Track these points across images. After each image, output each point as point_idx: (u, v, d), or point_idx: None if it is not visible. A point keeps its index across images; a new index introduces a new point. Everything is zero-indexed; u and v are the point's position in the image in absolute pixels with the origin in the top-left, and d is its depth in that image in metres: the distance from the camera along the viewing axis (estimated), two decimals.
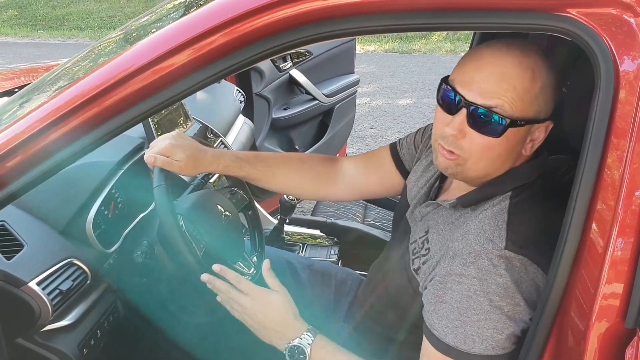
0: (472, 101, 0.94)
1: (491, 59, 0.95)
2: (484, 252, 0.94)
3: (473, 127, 0.95)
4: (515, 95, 0.93)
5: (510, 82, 0.93)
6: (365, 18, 0.85)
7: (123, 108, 0.91)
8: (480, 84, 0.94)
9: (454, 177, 1.07)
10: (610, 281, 0.78)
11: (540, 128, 0.99)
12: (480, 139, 0.96)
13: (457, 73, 0.99)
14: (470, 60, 0.98)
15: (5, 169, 0.92)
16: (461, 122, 0.96)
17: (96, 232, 1.37)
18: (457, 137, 0.97)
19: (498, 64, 0.94)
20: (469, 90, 0.95)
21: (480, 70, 0.95)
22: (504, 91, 0.93)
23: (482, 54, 0.96)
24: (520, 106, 0.94)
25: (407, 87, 6.20)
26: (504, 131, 0.94)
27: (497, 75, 0.93)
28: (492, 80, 0.93)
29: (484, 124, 0.94)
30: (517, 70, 0.93)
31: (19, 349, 1.19)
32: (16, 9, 10.98)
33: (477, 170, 1.01)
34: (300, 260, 1.62)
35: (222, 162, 1.32)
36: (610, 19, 0.78)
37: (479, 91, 0.94)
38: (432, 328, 0.98)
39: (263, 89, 2.74)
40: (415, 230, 1.15)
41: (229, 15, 0.86)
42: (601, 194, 0.79)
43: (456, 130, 0.96)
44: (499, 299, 0.91)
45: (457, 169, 1.01)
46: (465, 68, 0.97)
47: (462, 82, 0.96)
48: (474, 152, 0.98)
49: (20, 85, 1.93)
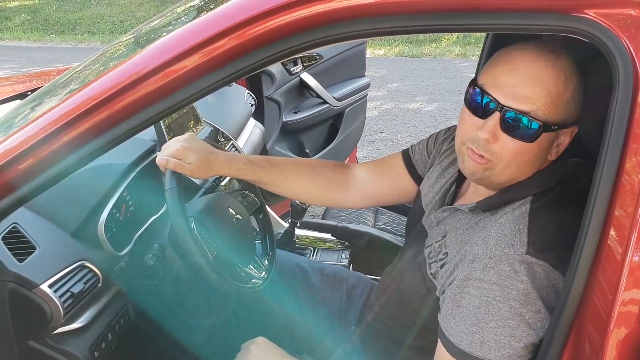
0: (507, 105, 0.92)
1: (525, 62, 0.93)
2: (505, 256, 0.92)
3: (506, 132, 0.94)
4: (549, 99, 0.92)
5: (544, 86, 0.91)
6: (377, 20, 0.84)
7: (134, 111, 0.91)
8: (515, 87, 0.92)
9: (479, 182, 1.05)
10: (629, 287, 0.77)
11: (566, 133, 0.98)
12: (513, 144, 0.95)
13: (488, 76, 0.97)
14: (502, 63, 0.96)
15: (17, 171, 0.92)
16: (494, 126, 0.94)
17: (108, 234, 1.37)
18: (490, 141, 0.95)
19: (532, 67, 0.92)
20: (502, 94, 0.93)
21: (514, 73, 0.93)
22: (539, 96, 0.91)
23: (515, 57, 0.95)
24: (553, 111, 0.93)
25: (418, 91, 6.18)
26: (537, 136, 0.93)
27: (532, 79, 0.92)
28: (526, 84, 0.92)
29: (518, 128, 0.93)
30: (551, 74, 0.92)
31: (31, 351, 1.19)
32: (29, 13, 11.10)
33: (504, 176, 0.99)
34: (311, 264, 1.61)
35: (234, 166, 1.32)
36: (629, 20, 0.76)
37: (513, 95, 0.92)
38: (448, 333, 0.97)
39: (274, 93, 2.73)
40: (432, 235, 1.13)
41: (240, 18, 0.86)
42: (619, 200, 0.78)
43: (489, 134, 0.94)
44: (519, 305, 0.90)
45: (485, 174, 1.00)
46: (498, 71, 0.96)
47: (495, 86, 0.94)
48: (505, 157, 0.96)
49: (33, 88, 1.94)
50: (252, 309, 1.47)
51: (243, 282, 1.32)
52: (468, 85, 1.00)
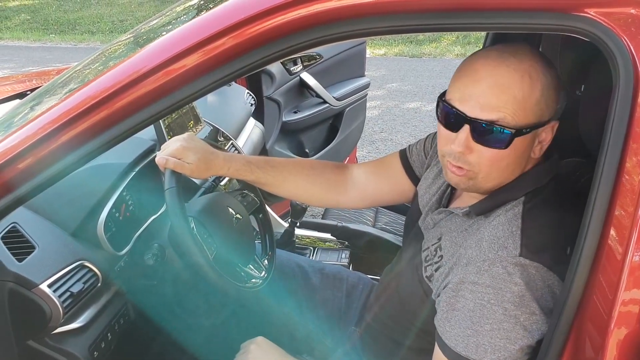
0: (473, 117, 0.92)
1: (486, 71, 0.93)
2: (498, 259, 0.92)
3: (479, 142, 0.94)
4: (516, 105, 0.91)
5: (509, 92, 0.91)
6: (377, 19, 0.84)
7: (134, 110, 0.91)
8: (479, 98, 0.92)
9: (467, 190, 1.06)
10: (629, 287, 0.76)
11: (546, 129, 0.97)
12: (487, 152, 0.95)
13: (453, 90, 0.97)
14: (464, 75, 0.96)
15: (16, 170, 0.92)
16: (466, 138, 0.94)
17: (107, 234, 1.37)
18: (464, 153, 0.96)
19: (494, 75, 0.92)
20: (468, 107, 0.93)
21: (477, 84, 0.93)
22: (504, 103, 0.91)
23: (476, 67, 0.94)
24: (522, 115, 0.92)
25: (418, 91, 6.18)
26: (510, 142, 0.93)
27: (495, 87, 0.91)
28: (490, 93, 0.91)
29: (489, 137, 0.93)
30: (514, 78, 0.91)
31: (30, 351, 1.19)
32: (28, 13, 11.10)
33: (489, 182, 1.00)
34: (311, 264, 1.61)
35: (233, 166, 1.31)
36: (629, 19, 0.76)
37: (479, 106, 0.92)
38: (444, 336, 0.97)
39: (273, 92, 2.73)
40: (428, 237, 1.13)
41: (239, 17, 0.86)
42: (620, 200, 0.78)
43: (462, 146, 0.95)
44: (514, 307, 0.90)
45: (469, 183, 1.00)
46: (461, 84, 0.95)
47: (460, 99, 0.94)
48: (484, 166, 0.96)
49: (32, 88, 1.94)
50: (251, 309, 1.47)
51: (243, 282, 1.32)
52: (437, 99, 1.00)
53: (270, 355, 1.20)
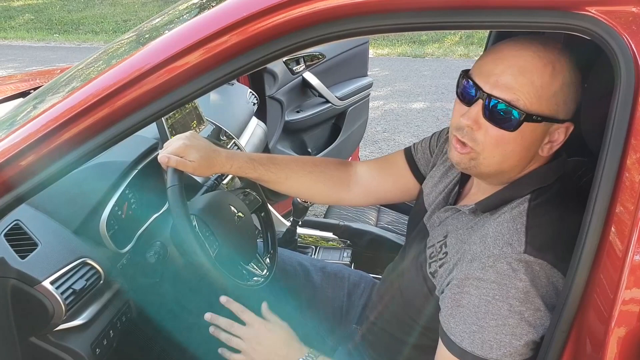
0: (489, 93, 0.93)
1: (511, 52, 0.94)
2: (503, 255, 0.92)
3: (488, 119, 0.95)
4: (532, 90, 0.92)
5: (528, 76, 0.92)
6: (379, 16, 0.84)
7: (136, 108, 0.91)
8: (499, 76, 0.93)
9: (467, 172, 1.06)
10: (630, 286, 0.76)
11: (560, 129, 0.98)
12: (494, 132, 0.95)
13: (476, 65, 0.99)
14: (490, 54, 0.98)
15: (19, 168, 0.92)
16: (477, 114, 0.95)
17: (110, 232, 1.37)
18: (472, 128, 0.96)
19: (517, 57, 0.93)
20: (486, 83, 0.94)
21: (499, 63, 0.94)
22: (521, 85, 0.92)
23: (502, 48, 0.96)
24: (537, 102, 0.92)
25: (420, 91, 6.17)
26: (518, 125, 0.93)
27: (515, 68, 0.92)
28: (509, 74, 0.92)
29: (499, 116, 0.94)
30: (536, 64, 0.92)
31: (33, 347, 1.19)
32: (32, 13, 11.13)
33: (490, 166, 0.99)
34: (313, 263, 1.61)
35: (235, 163, 1.32)
36: (630, 17, 0.76)
37: (496, 84, 0.93)
38: (449, 332, 0.97)
39: (276, 92, 2.74)
40: (434, 235, 1.14)
41: (243, 14, 0.86)
42: (620, 197, 0.78)
43: (471, 120, 0.96)
44: (518, 303, 0.90)
45: (470, 164, 1.00)
46: (485, 60, 0.97)
47: (480, 75, 0.96)
48: (488, 145, 0.97)
49: (35, 87, 1.95)
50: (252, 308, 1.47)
51: (244, 280, 1.32)
52: (460, 74, 1.01)
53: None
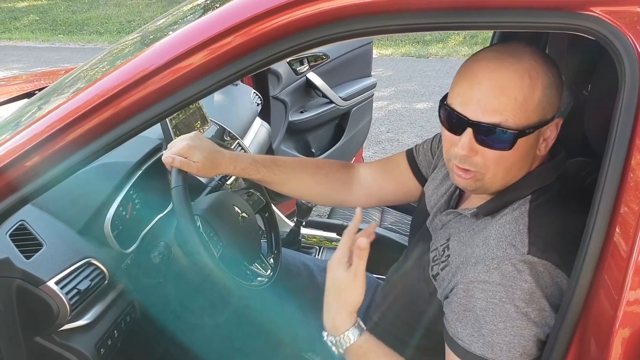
0: (475, 120, 0.93)
1: (485, 73, 0.93)
2: (507, 257, 0.92)
3: (482, 144, 0.94)
4: (517, 106, 0.91)
5: (509, 94, 0.91)
6: (383, 17, 0.84)
7: (141, 108, 0.91)
8: (480, 101, 0.92)
9: (475, 192, 1.06)
10: (634, 287, 0.76)
11: (550, 127, 0.97)
12: (492, 154, 0.95)
13: (454, 94, 0.97)
14: (464, 79, 0.96)
15: (24, 169, 0.92)
16: (469, 141, 0.95)
17: (114, 232, 1.38)
18: (469, 156, 0.96)
19: (494, 78, 0.92)
20: (470, 110, 0.93)
21: (477, 88, 0.93)
22: (505, 105, 0.91)
23: (475, 71, 0.94)
24: (524, 116, 0.92)
25: (424, 91, 6.17)
26: (513, 143, 0.93)
27: (495, 89, 0.91)
28: (491, 96, 0.91)
29: (492, 139, 0.93)
30: (513, 79, 0.91)
31: (37, 347, 1.20)
32: (37, 14, 11.17)
33: (497, 182, 1.00)
34: (316, 263, 1.61)
35: (239, 165, 1.32)
36: (635, 18, 0.76)
37: (480, 109, 0.92)
38: (456, 337, 0.96)
39: (280, 92, 2.74)
40: (436, 238, 1.13)
41: (247, 15, 0.86)
42: (625, 198, 0.78)
43: (466, 149, 0.95)
44: (524, 305, 0.90)
45: (477, 185, 1.00)
46: (461, 87, 0.96)
47: (461, 103, 0.95)
48: (490, 166, 0.97)
49: (40, 87, 1.96)
50: (256, 308, 1.47)
51: (248, 281, 1.32)
52: (439, 104, 1.01)
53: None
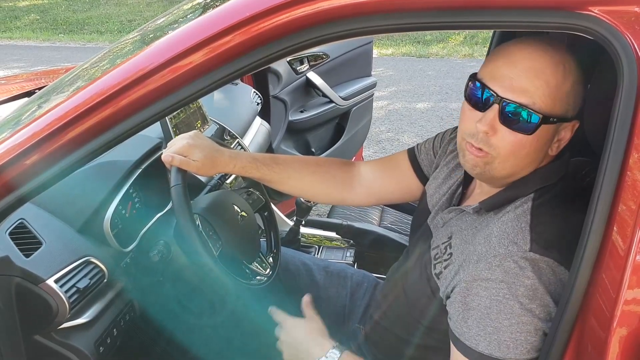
0: (505, 97, 0.93)
1: (523, 55, 0.94)
2: (509, 254, 0.92)
3: (505, 124, 0.94)
4: (547, 91, 0.92)
5: (543, 78, 0.92)
6: (384, 16, 0.85)
7: (140, 107, 0.91)
8: (513, 80, 0.93)
9: (480, 176, 1.05)
10: (632, 286, 0.76)
11: (567, 127, 0.98)
12: (511, 136, 0.95)
13: (486, 70, 0.98)
14: (500, 57, 0.97)
15: (23, 167, 0.92)
16: (493, 118, 0.94)
17: (114, 231, 1.38)
18: (489, 134, 0.95)
19: (530, 60, 0.93)
20: (501, 86, 0.93)
21: (513, 66, 0.93)
22: (537, 88, 0.92)
23: (513, 51, 0.95)
24: (551, 103, 0.93)
25: (424, 91, 6.17)
26: (536, 128, 0.93)
27: (530, 71, 0.92)
28: (525, 77, 0.92)
29: (516, 120, 0.93)
30: (549, 65, 0.92)
31: (37, 345, 1.20)
32: (38, 13, 11.17)
33: (504, 170, 0.99)
34: (316, 262, 1.61)
35: (238, 163, 1.32)
36: (633, 17, 0.76)
37: (512, 87, 0.92)
38: (462, 337, 0.96)
39: (280, 92, 2.74)
40: (438, 236, 1.13)
41: (246, 14, 0.86)
42: (623, 197, 0.78)
43: (488, 126, 0.94)
44: (528, 301, 0.90)
45: (485, 168, 1.00)
46: (496, 64, 0.96)
47: (493, 79, 0.95)
48: (504, 150, 0.96)
49: (40, 86, 1.96)
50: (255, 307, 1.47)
51: (247, 279, 1.32)
52: (468, 79, 1.00)
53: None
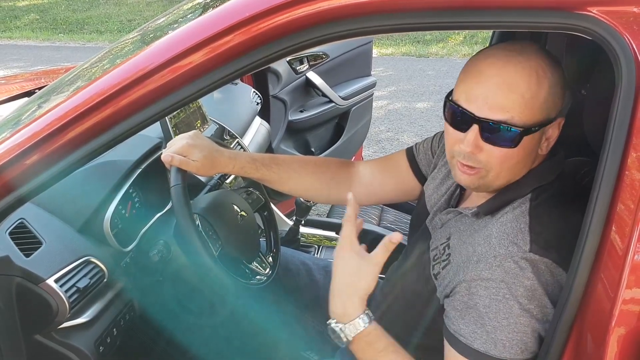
0: (482, 117, 0.93)
1: (493, 71, 0.93)
2: (509, 255, 0.93)
3: (488, 141, 0.95)
4: (524, 104, 0.91)
5: (517, 91, 0.91)
6: (384, 17, 0.85)
7: (140, 107, 0.91)
8: (487, 98, 0.92)
9: (478, 190, 1.06)
10: (630, 286, 0.76)
11: (553, 126, 0.98)
12: (497, 151, 0.95)
13: (460, 90, 0.97)
14: (471, 76, 0.96)
15: (23, 167, 0.93)
16: (475, 138, 0.94)
17: (113, 231, 1.38)
18: (474, 152, 0.96)
19: (501, 75, 0.92)
20: (476, 107, 0.93)
21: (484, 83, 0.93)
22: (512, 102, 0.91)
23: (482, 68, 0.94)
24: (530, 113, 0.92)
25: (424, 91, 6.17)
26: (519, 141, 0.93)
27: (503, 85, 0.91)
28: (498, 93, 0.91)
29: (498, 136, 0.93)
30: (522, 76, 0.91)
31: (37, 345, 1.20)
32: (37, 13, 11.16)
33: (500, 180, 1.00)
34: (315, 262, 1.61)
35: (238, 163, 1.32)
36: (632, 17, 0.76)
37: (487, 106, 0.92)
38: (459, 334, 0.96)
39: (280, 91, 2.74)
40: (436, 237, 1.14)
41: (247, 14, 0.86)
42: (621, 196, 0.78)
43: (472, 146, 0.95)
44: (527, 302, 0.90)
45: (480, 182, 1.00)
46: (468, 84, 0.96)
47: (468, 100, 0.95)
48: (494, 164, 0.97)
49: (40, 86, 1.96)
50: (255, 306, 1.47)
51: (247, 279, 1.33)
52: (444, 100, 1.00)
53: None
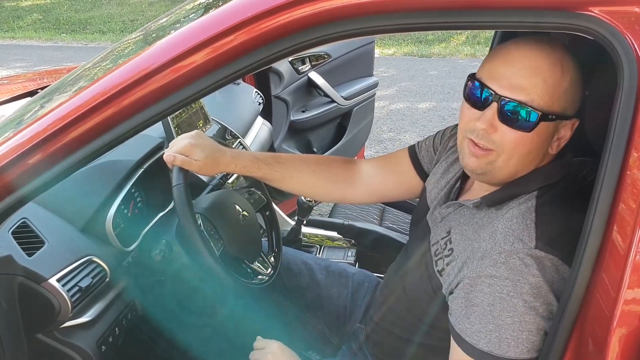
0: (503, 95, 0.94)
1: (521, 53, 0.95)
2: (515, 251, 0.93)
3: (504, 122, 0.95)
4: (545, 89, 0.93)
5: (540, 75, 0.93)
6: (386, 17, 0.85)
7: (142, 107, 0.92)
8: (511, 78, 0.94)
9: (481, 178, 1.05)
10: (632, 286, 0.76)
11: (566, 126, 0.99)
12: (511, 134, 0.95)
13: (485, 69, 0.99)
14: (498, 56, 0.98)
15: (26, 166, 0.93)
16: (492, 116, 0.95)
17: (116, 230, 1.38)
18: (488, 131, 0.96)
19: (528, 58, 0.94)
20: (499, 85, 0.94)
21: (510, 64, 0.95)
22: (534, 85, 0.93)
23: (510, 50, 0.97)
24: (549, 100, 0.93)
25: (426, 91, 6.17)
26: (535, 125, 0.94)
27: (528, 69, 0.93)
28: (522, 75, 0.93)
29: (515, 118, 0.94)
30: (546, 63, 0.93)
31: (39, 344, 1.20)
32: (40, 13, 11.18)
33: (507, 168, 1.00)
34: (317, 261, 1.62)
35: (240, 163, 1.32)
36: (633, 17, 0.76)
37: (509, 86, 0.94)
38: (464, 334, 0.96)
39: (282, 91, 2.74)
40: (436, 232, 1.13)
41: (249, 14, 0.86)
42: (623, 196, 0.78)
43: (487, 124, 0.96)
44: (532, 299, 0.90)
45: (487, 167, 1.00)
46: (494, 63, 0.97)
47: (491, 78, 0.96)
48: (506, 147, 0.97)
49: (43, 86, 1.96)
50: (257, 306, 1.48)
51: (249, 279, 1.33)
52: (467, 78, 1.01)
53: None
